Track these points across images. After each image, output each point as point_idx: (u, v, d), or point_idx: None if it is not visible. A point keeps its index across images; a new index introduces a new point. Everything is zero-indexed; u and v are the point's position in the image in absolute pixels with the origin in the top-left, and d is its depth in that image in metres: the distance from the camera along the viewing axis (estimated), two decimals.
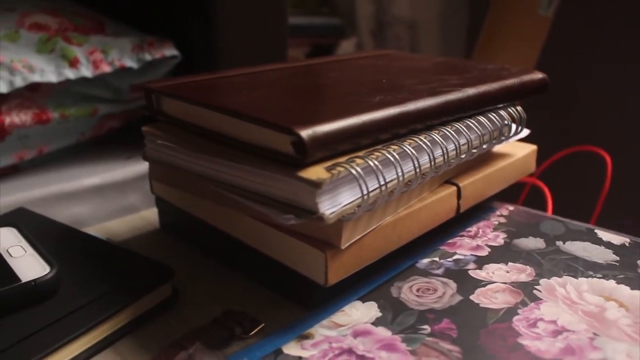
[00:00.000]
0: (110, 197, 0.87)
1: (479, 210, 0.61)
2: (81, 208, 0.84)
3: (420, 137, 0.46)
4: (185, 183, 0.53)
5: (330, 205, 0.40)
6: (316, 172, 0.39)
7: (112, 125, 0.97)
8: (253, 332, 0.44)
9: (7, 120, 0.81)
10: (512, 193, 0.65)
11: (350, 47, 1.82)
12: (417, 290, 0.45)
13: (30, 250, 0.48)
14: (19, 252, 0.47)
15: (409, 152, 0.43)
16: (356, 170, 0.39)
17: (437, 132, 0.47)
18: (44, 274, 0.44)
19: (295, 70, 0.61)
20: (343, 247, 0.42)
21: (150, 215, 0.68)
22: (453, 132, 0.48)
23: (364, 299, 0.44)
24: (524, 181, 0.76)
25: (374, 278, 0.48)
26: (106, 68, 0.87)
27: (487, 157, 0.60)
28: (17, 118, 0.82)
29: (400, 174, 0.42)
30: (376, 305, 0.43)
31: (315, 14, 1.83)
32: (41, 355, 0.38)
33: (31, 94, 0.84)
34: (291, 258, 0.45)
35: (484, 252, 0.51)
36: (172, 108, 0.52)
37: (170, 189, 0.56)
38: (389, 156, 0.42)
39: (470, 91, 0.51)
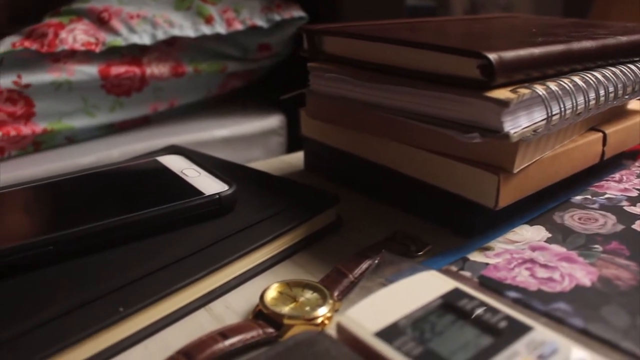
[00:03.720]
0: (237, 148, 0.92)
1: (614, 164, 0.62)
2: None
3: (585, 74, 0.47)
4: (347, 117, 0.55)
5: (512, 126, 0.42)
6: (502, 93, 0.41)
7: (235, 85, 1.01)
8: (423, 252, 0.46)
9: (148, 71, 0.86)
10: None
11: None
12: (579, 219, 0.47)
13: (203, 172, 0.51)
14: (194, 174, 0.51)
15: (580, 85, 0.45)
16: (542, 92, 0.41)
17: (597, 73, 0.49)
18: (224, 189, 0.47)
19: (440, 22, 0.63)
20: (515, 172, 0.44)
21: (289, 159, 0.71)
22: (612, 75, 0.50)
23: (530, 223, 0.46)
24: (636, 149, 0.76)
25: (533, 209, 0.50)
26: (238, 26, 0.91)
27: (623, 112, 0.62)
28: (157, 69, 0.87)
29: (574, 103, 0.44)
30: (544, 228, 0.45)
31: None
32: (233, 259, 0.41)
33: (168, 48, 0.89)
34: (458, 184, 0.47)
35: (634, 194, 0.52)
36: (336, 47, 0.55)
37: (323, 128, 0.59)
38: (566, 85, 0.44)
39: (623, 39, 0.53)
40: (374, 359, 0.29)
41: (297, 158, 0.70)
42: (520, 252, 0.41)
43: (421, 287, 0.34)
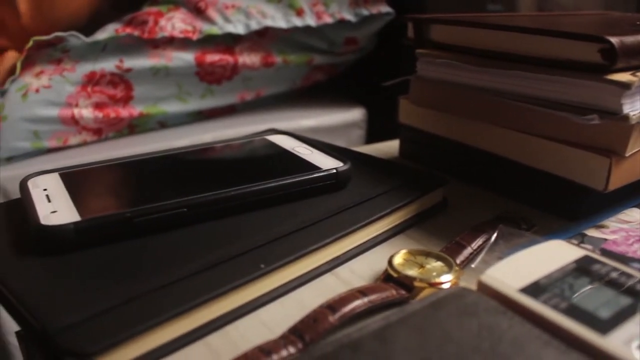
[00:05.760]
0: (322, 138, 0.94)
1: None
2: None
3: None
4: (454, 103, 0.57)
5: (631, 109, 0.44)
6: (622, 77, 0.43)
7: (318, 78, 1.04)
8: (531, 231, 0.48)
9: (240, 60, 0.89)
10: None
11: None
12: None
13: (314, 150, 0.53)
14: (306, 151, 0.53)
15: None
16: None
17: None
18: (340, 165, 0.49)
19: (535, 16, 0.65)
20: (627, 155, 0.45)
21: (381, 147, 0.73)
22: None
23: (639, 207, 0.47)
24: None
25: (637, 194, 0.51)
26: (328, 19, 0.93)
27: None
28: (249, 59, 0.90)
29: None
30: None
31: None
32: (358, 227, 0.43)
33: (259, 39, 0.92)
34: (566, 168, 0.48)
35: None
36: (443, 35, 0.57)
37: (424, 116, 0.61)
38: None
39: None
40: (519, 312, 0.31)
41: (388, 146, 0.72)
42: (636, 230, 0.42)
43: (553, 254, 0.35)
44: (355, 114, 1.00)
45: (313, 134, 0.93)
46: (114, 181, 0.47)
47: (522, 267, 0.34)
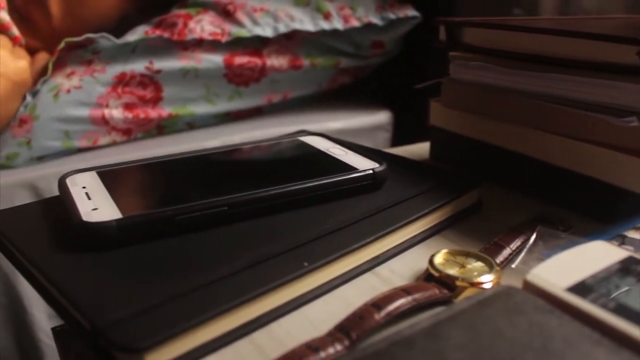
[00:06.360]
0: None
1: None
2: None
3: None
4: (487, 105, 0.57)
5: None
6: None
7: (344, 81, 1.04)
8: (568, 232, 0.48)
9: (268, 62, 0.90)
10: None
11: None
12: None
13: (349, 151, 0.54)
14: (340, 152, 0.53)
15: None
16: None
17: None
18: (376, 166, 0.49)
19: (565, 19, 0.65)
20: None
21: (411, 149, 0.73)
22: None
23: None
24: None
25: None
26: (355, 23, 0.94)
27: None
28: (277, 62, 0.91)
29: None
30: None
31: None
32: (397, 226, 0.44)
33: (287, 42, 0.92)
34: (603, 170, 0.48)
35: None
36: (476, 38, 0.57)
37: (456, 118, 0.61)
38: None
39: None
40: (567, 311, 0.31)
41: (419, 148, 0.72)
42: None
43: (596, 254, 0.36)
44: (381, 117, 1.00)
45: (339, 136, 0.93)
46: (151, 180, 0.48)
47: (567, 267, 0.34)
